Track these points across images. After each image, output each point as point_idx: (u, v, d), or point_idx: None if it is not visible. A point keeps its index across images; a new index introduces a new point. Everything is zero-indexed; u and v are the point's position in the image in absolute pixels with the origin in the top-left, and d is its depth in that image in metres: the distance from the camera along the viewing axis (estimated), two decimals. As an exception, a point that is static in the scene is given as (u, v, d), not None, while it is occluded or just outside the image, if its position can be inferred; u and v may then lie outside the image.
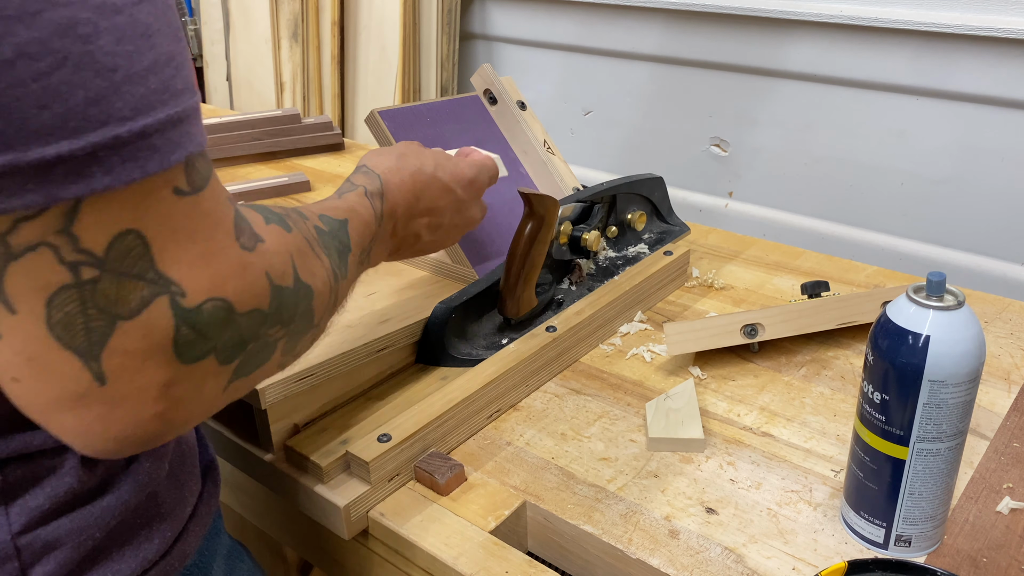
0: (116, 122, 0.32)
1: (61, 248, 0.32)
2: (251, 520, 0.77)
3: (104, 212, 0.32)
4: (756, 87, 1.34)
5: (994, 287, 1.18)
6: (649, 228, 0.97)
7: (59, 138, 0.30)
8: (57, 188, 0.31)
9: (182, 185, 0.35)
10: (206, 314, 0.36)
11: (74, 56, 0.30)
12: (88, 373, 0.34)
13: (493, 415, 0.72)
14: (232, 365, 0.39)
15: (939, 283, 0.51)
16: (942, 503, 0.55)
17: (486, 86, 0.98)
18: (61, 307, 0.33)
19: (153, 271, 0.34)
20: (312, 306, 0.45)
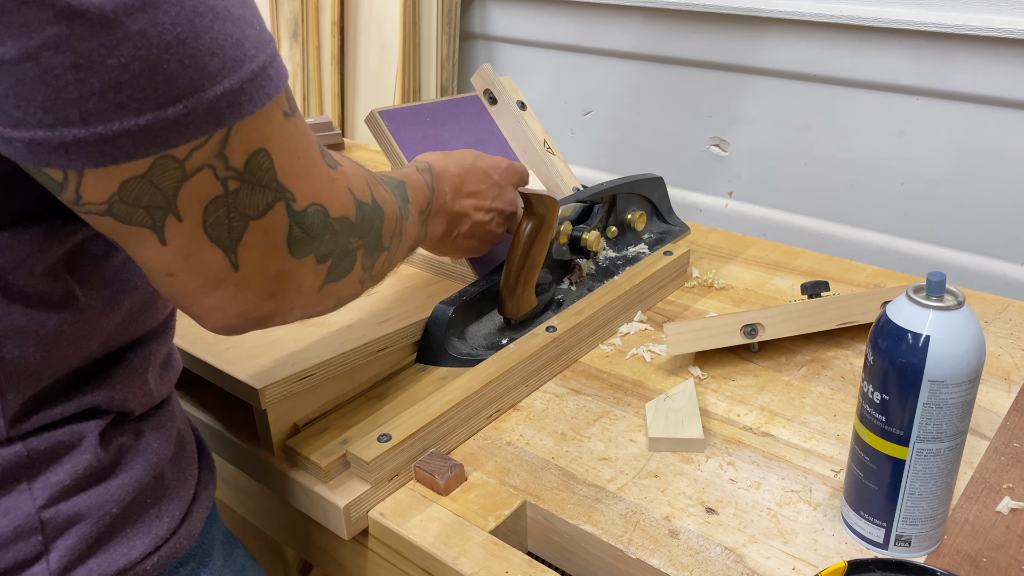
0: (250, 59, 0.39)
1: (217, 167, 0.40)
2: (251, 520, 0.77)
3: (244, 135, 0.40)
4: (756, 87, 1.34)
5: (994, 287, 1.18)
6: (649, 228, 0.97)
7: (223, 78, 0.37)
8: (222, 118, 0.38)
9: (287, 108, 0.42)
10: (310, 216, 0.44)
11: (220, 9, 0.37)
12: (227, 262, 0.42)
13: (493, 415, 0.72)
14: (326, 265, 0.47)
15: (939, 283, 0.51)
16: (942, 503, 0.55)
17: (486, 86, 0.98)
18: (213, 212, 0.41)
19: (275, 181, 0.42)
20: (382, 227, 0.53)
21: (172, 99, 0.36)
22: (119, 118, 0.35)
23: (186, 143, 0.38)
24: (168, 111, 0.36)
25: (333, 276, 0.49)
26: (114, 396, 0.49)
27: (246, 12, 0.39)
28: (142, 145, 0.36)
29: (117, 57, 0.34)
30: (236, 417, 0.72)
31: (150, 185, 0.38)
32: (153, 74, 0.35)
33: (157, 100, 0.36)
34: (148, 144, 0.36)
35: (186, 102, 0.36)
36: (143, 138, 0.36)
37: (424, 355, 0.76)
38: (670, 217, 1.00)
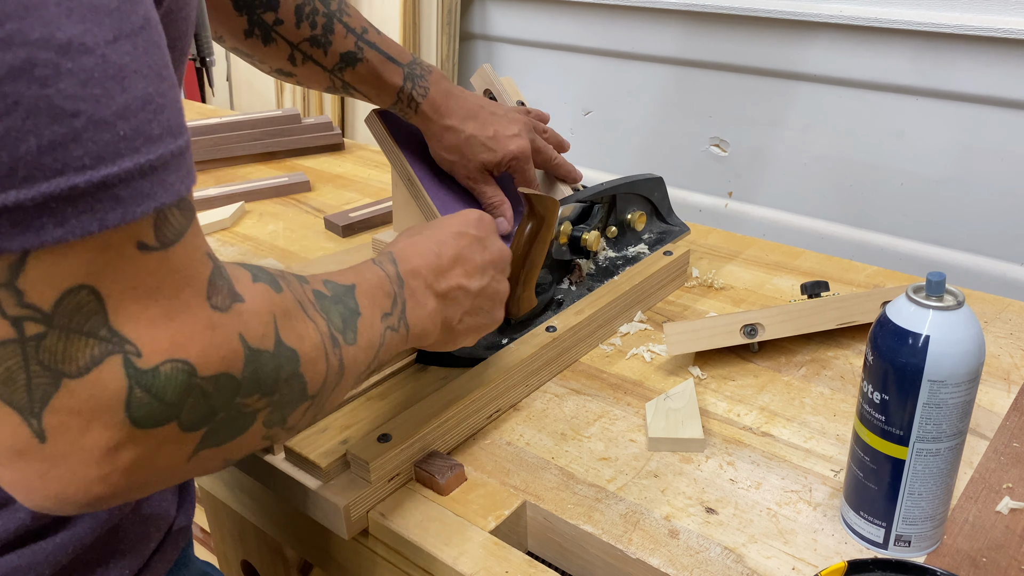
0: (73, 171, 0.30)
1: (3, 302, 0.30)
2: (251, 520, 0.77)
3: (54, 266, 0.30)
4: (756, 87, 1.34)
5: (994, 287, 1.18)
6: (649, 228, 0.97)
7: (6, 187, 0.29)
8: (2, 239, 0.29)
9: (148, 240, 0.33)
10: (163, 376, 0.33)
11: (27, 101, 0.29)
12: (28, 429, 0.32)
13: (493, 415, 0.72)
14: (198, 433, 0.36)
15: (939, 283, 0.51)
16: (942, 503, 0.55)
17: (486, 86, 0.98)
18: (2, 361, 0.31)
19: (106, 328, 0.32)
20: (300, 372, 0.41)
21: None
22: None
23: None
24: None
25: (211, 442, 0.37)
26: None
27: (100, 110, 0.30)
28: None
29: None
30: (236, 417, 0.72)
31: None
32: None
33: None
34: None
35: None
36: None
37: (424, 355, 0.77)
38: (670, 217, 1.00)
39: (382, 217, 1.13)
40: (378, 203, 1.17)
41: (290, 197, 1.25)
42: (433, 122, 0.83)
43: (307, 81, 0.81)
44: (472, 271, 0.60)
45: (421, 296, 0.56)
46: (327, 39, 0.77)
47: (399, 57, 0.82)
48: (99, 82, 0.30)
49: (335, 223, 1.10)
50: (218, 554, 0.93)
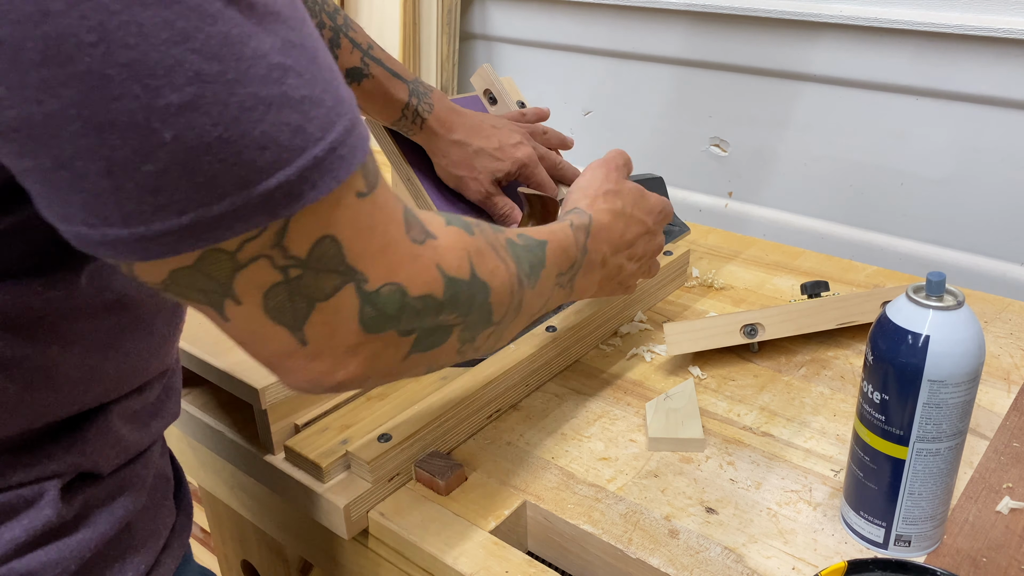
0: (314, 144, 0.36)
1: (274, 257, 0.38)
2: (251, 520, 0.77)
3: (306, 224, 0.38)
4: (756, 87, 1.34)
5: (994, 287, 1.18)
6: None
7: (276, 170, 0.35)
8: (277, 209, 0.36)
9: (361, 188, 0.40)
10: (383, 296, 0.43)
11: (276, 99, 0.35)
12: (294, 339, 0.41)
13: (493, 415, 0.72)
14: (410, 339, 0.45)
15: (939, 283, 0.51)
16: (942, 503, 0.55)
17: (486, 86, 0.98)
18: (274, 297, 0.40)
19: (344, 265, 0.41)
20: (489, 302, 0.50)
21: (216, 197, 0.35)
22: (159, 219, 0.34)
23: (235, 236, 0.36)
24: (213, 208, 0.35)
25: (420, 348, 0.47)
26: (83, 461, 0.47)
27: (315, 90, 0.37)
28: (187, 241, 0.35)
29: (152, 163, 0.33)
30: (237, 417, 0.72)
31: (201, 274, 0.38)
32: (193, 176, 0.34)
33: (199, 200, 0.34)
34: (193, 240, 0.35)
35: (232, 198, 0.35)
36: (187, 235, 0.35)
37: (424, 355, 0.76)
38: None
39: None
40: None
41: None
42: (440, 137, 0.84)
43: None
44: (634, 256, 0.70)
45: (594, 267, 0.65)
46: (333, 53, 0.77)
47: (403, 74, 0.82)
48: (307, 68, 0.36)
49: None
50: (218, 554, 0.93)
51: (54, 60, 0.30)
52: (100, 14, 0.30)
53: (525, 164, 0.85)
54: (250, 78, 0.34)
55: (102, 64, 0.31)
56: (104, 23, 0.30)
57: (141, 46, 0.31)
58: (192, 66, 0.32)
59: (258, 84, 0.34)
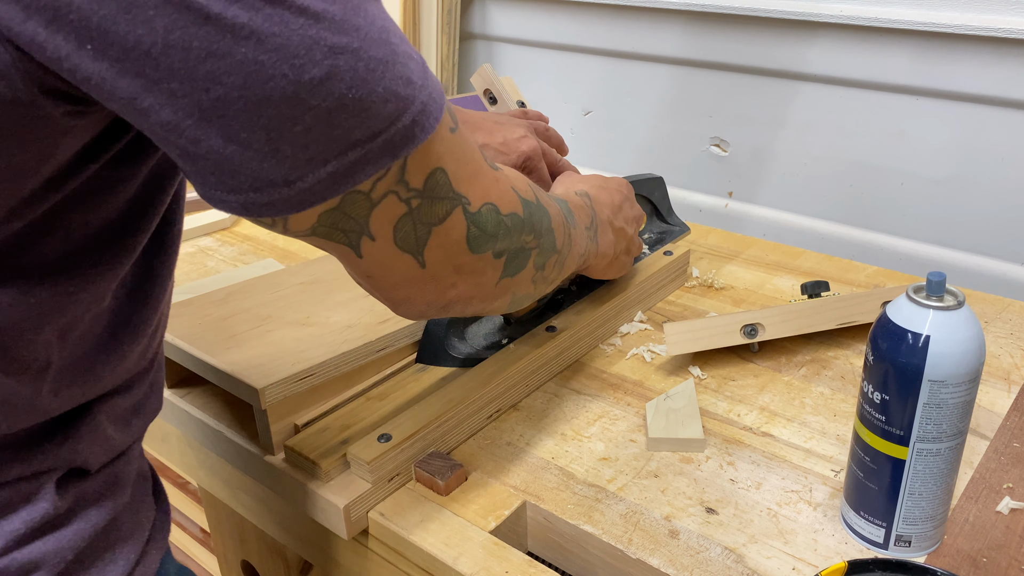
0: (418, 92, 0.42)
1: (400, 191, 0.45)
2: (251, 520, 0.77)
3: (419, 160, 0.44)
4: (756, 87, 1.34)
5: (994, 287, 1.18)
6: (649, 228, 0.98)
7: (396, 117, 0.41)
8: (398, 150, 0.42)
9: (451, 124, 0.47)
10: (484, 215, 0.50)
11: (389, 57, 0.40)
12: (416, 264, 0.48)
13: (493, 415, 0.72)
14: (502, 260, 0.53)
15: (939, 283, 0.51)
16: (942, 503, 0.55)
17: (486, 86, 0.98)
18: (401, 228, 0.46)
19: (452, 191, 0.47)
20: (552, 227, 0.58)
21: (352, 146, 0.40)
22: (311, 171, 0.40)
23: (369, 178, 0.42)
24: (349, 155, 0.40)
25: (509, 271, 0.54)
26: (75, 457, 0.49)
27: (405, 43, 0.42)
28: (332, 187, 0.41)
29: (302, 124, 0.38)
30: (236, 417, 0.72)
31: (343, 215, 0.44)
32: (334, 130, 0.39)
33: (339, 150, 0.40)
34: (337, 185, 0.41)
35: (365, 146, 0.40)
36: (332, 182, 0.41)
37: (424, 355, 0.76)
38: (670, 217, 1.01)
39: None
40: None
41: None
42: None
43: None
44: (628, 219, 0.79)
45: (606, 227, 0.74)
46: None
47: None
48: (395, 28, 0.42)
49: (335, 223, 1.10)
50: (218, 554, 0.93)
51: (215, 54, 0.35)
52: (249, 12, 0.35)
53: (530, 157, 0.85)
54: (370, 43, 0.39)
55: (255, 52, 0.36)
56: (253, 19, 0.35)
57: (284, 33, 0.36)
58: (326, 41, 0.37)
59: (377, 47, 0.39)
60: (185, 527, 1.18)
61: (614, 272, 0.80)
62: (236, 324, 0.72)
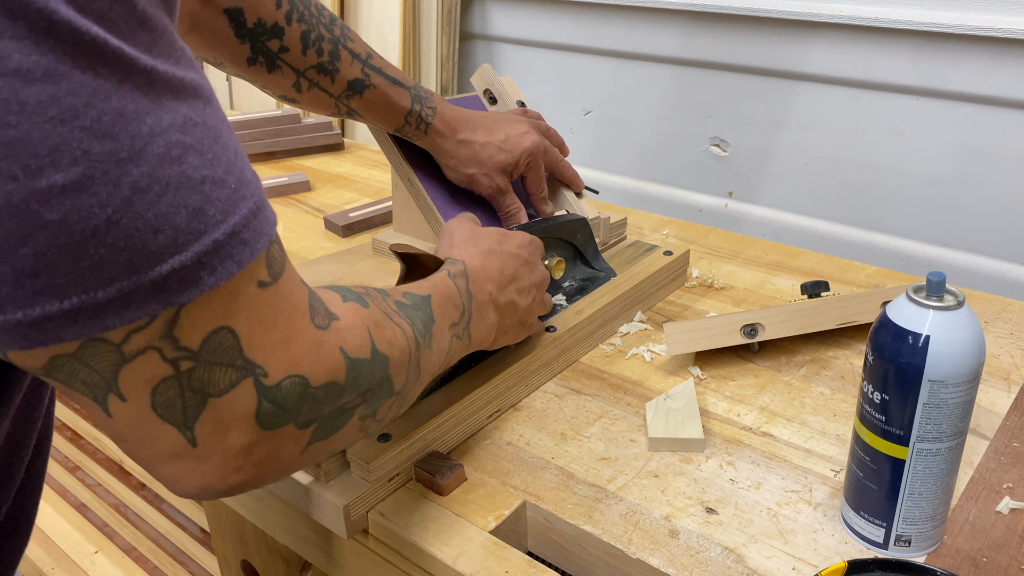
0: (212, 228, 0.35)
1: (164, 349, 0.36)
2: (251, 520, 0.77)
3: (200, 315, 0.36)
4: (756, 87, 1.34)
5: (994, 287, 1.18)
6: (571, 274, 0.87)
7: (171, 255, 0.34)
8: (170, 296, 0.35)
9: (264, 277, 0.39)
10: (284, 390, 0.41)
11: (174, 180, 0.34)
12: (183, 439, 0.39)
13: (493, 415, 0.72)
14: (309, 430, 0.43)
15: (939, 283, 0.51)
16: (942, 503, 0.55)
17: (486, 86, 0.98)
18: (163, 393, 0.37)
19: (241, 358, 0.39)
20: (389, 375, 0.49)
21: (103, 282, 0.33)
22: (39, 304, 0.32)
23: (123, 325, 0.34)
24: (98, 294, 0.33)
25: (320, 436, 0.45)
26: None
27: (216, 170, 0.35)
28: (68, 328, 0.33)
29: (31, 246, 0.31)
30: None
31: (83, 364, 0.36)
32: (77, 260, 0.32)
33: (84, 285, 0.32)
34: (76, 327, 0.33)
35: (120, 284, 0.33)
36: (68, 322, 0.33)
37: (424, 355, 0.76)
38: (596, 261, 0.89)
39: (382, 217, 1.13)
40: (378, 203, 1.17)
41: (290, 197, 1.25)
42: (447, 138, 0.84)
43: (310, 107, 0.79)
44: (523, 290, 0.69)
45: (485, 310, 0.64)
46: (334, 66, 0.76)
47: (404, 80, 0.82)
48: (208, 147, 0.35)
49: (335, 223, 1.10)
50: (218, 554, 0.93)
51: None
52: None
53: (532, 153, 0.85)
54: (145, 157, 0.32)
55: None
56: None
57: (23, 124, 0.30)
58: (80, 145, 0.31)
59: (154, 163, 0.33)
60: (185, 527, 1.18)
61: (508, 342, 0.71)
62: (236, 324, 0.72)
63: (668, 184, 1.18)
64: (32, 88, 0.30)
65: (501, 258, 0.68)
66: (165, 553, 1.20)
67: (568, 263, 0.87)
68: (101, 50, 0.31)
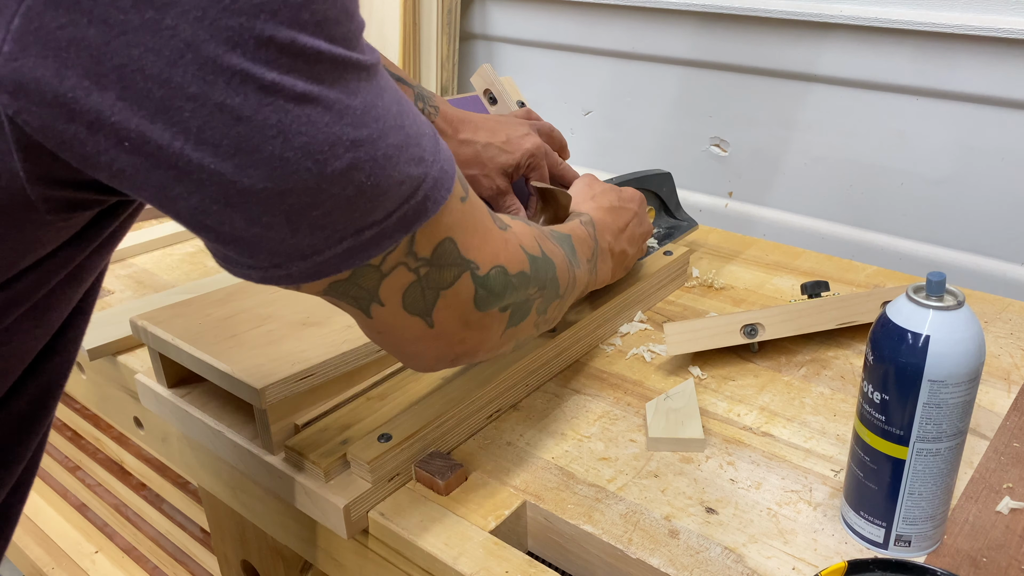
0: (429, 167, 0.44)
1: (409, 262, 0.47)
2: (251, 520, 0.77)
3: (429, 232, 0.47)
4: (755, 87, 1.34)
5: (994, 287, 1.18)
6: (657, 223, 1.00)
7: (408, 195, 0.44)
8: (410, 225, 0.45)
9: (462, 193, 0.49)
10: (492, 278, 0.52)
11: (402, 142, 0.43)
12: (424, 323, 0.50)
13: (493, 415, 0.72)
14: (507, 314, 0.55)
15: (939, 283, 0.51)
16: (942, 503, 0.55)
17: (486, 86, 0.98)
18: (410, 294, 0.48)
19: (460, 258, 0.49)
20: (556, 276, 0.60)
21: (368, 226, 0.43)
22: (326, 247, 0.42)
23: (380, 254, 0.45)
24: (364, 235, 0.43)
25: (513, 321, 0.56)
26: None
27: (418, 123, 0.44)
28: (345, 261, 0.44)
29: (321, 209, 0.41)
30: (236, 417, 0.72)
31: (354, 285, 0.46)
32: (351, 212, 0.42)
33: (355, 228, 0.43)
34: (351, 260, 0.44)
35: (379, 226, 0.43)
36: (346, 257, 0.43)
37: (424, 355, 0.76)
38: (678, 212, 1.03)
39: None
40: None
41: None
42: (449, 138, 0.84)
43: None
44: (632, 239, 0.81)
45: (605, 255, 0.75)
46: None
47: (407, 79, 0.82)
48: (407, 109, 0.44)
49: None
50: (218, 554, 0.93)
51: (243, 150, 0.38)
52: (279, 114, 0.38)
53: (534, 155, 0.85)
54: (386, 132, 0.42)
55: (282, 149, 0.38)
56: (282, 120, 0.38)
57: (310, 131, 0.38)
58: (347, 136, 0.40)
59: (392, 135, 0.42)
60: (185, 527, 1.18)
61: (613, 281, 0.82)
62: (236, 324, 0.72)
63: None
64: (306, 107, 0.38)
65: (617, 213, 0.79)
66: (165, 553, 1.20)
67: (656, 212, 1.01)
68: (348, 64, 0.40)
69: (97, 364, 0.88)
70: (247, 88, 0.37)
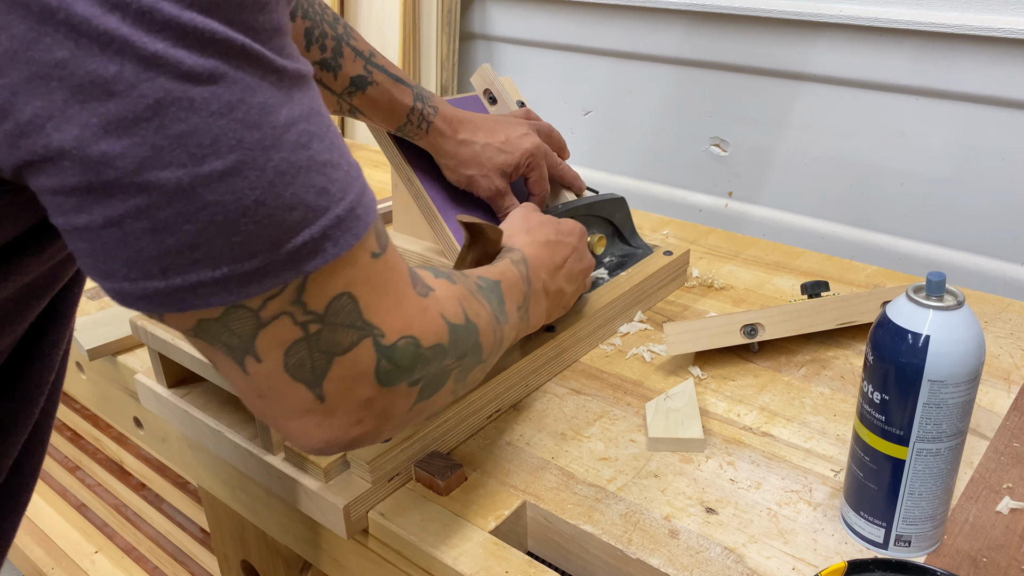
0: (335, 204, 0.39)
1: (295, 314, 0.41)
2: (251, 520, 0.77)
3: (324, 282, 0.41)
4: (756, 87, 1.34)
5: (994, 287, 1.18)
6: (610, 251, 0.92)
7: (303, 228, 0.38)
8: (301, 266, 0.39)
9: (375, 248, 0.43)
10: (400, 349, 0.45)
11: (304, 163, 0.38)
12: (312, 395, 0.43)
13: (493, 415, 0.72)
14: (417, 388, 0.48)
15: (939, 283, 0.51)
16: (942, 503, 0.55)
17: (486, 86, 0.98)
18: (295, 354, 0.42)
19: (361, 320, 0.43)
20: (479, 342, 0.54)
21: (248, 255, 0.37)
22: (195, 272, 0.37)
23: (262, 293, 0.39)
24: (244, 265, 0.38)
25: (424, 396, 0.50)
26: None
27: (333, 154, 0.40)
28: (217, 294, 0.38)
29: (193, 223, 0.36)
30: (236, 417, 0.72)
31: (225, 328, 0.40)
32: (230, 235, 0.36)
33: (233, 256, 0.37)
34: (222, 293, 0.38)
35: (262, 256, 0.38)
36: (218, 288, 0.38)
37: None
38: (633, 239, 0.94)
39: (382, 217, 1.13)
40: (378, 203, 1.17)
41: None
42: (448, 138, 0.84)
43: None
44: (570, 276, 0.74)
45: (539, 296, 0.69)
46: (337, 62, 0.76)
47: (406, 79, 0.82)
48: (326, 134, 0.40)
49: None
50: (218, 554, 0.93)
51: (113, 132, 0.33)
52: (157, 92, 0.33)
53: (532, 155, 0.85)
54: (284, 144, 0.37)
55: (155, 136, 0.34)
56: (160, 100, 0.33)
57: (191, 118, 0.34)
58: (235, 135, 0.35)
59: (290, 149, 0.37)
60: (185, 527, 1.18)
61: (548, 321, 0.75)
62: (236, 324, 0.72)
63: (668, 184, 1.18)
64: (198, 88, 0.34)
65: (554, 248, 0.73)
66: (165, 553, 1.20)
67: (608, 240, 0.92)
68: (248, 54, 0.35)
69: (97, 364, 0.88)
70: (124, 58, 0.32)
